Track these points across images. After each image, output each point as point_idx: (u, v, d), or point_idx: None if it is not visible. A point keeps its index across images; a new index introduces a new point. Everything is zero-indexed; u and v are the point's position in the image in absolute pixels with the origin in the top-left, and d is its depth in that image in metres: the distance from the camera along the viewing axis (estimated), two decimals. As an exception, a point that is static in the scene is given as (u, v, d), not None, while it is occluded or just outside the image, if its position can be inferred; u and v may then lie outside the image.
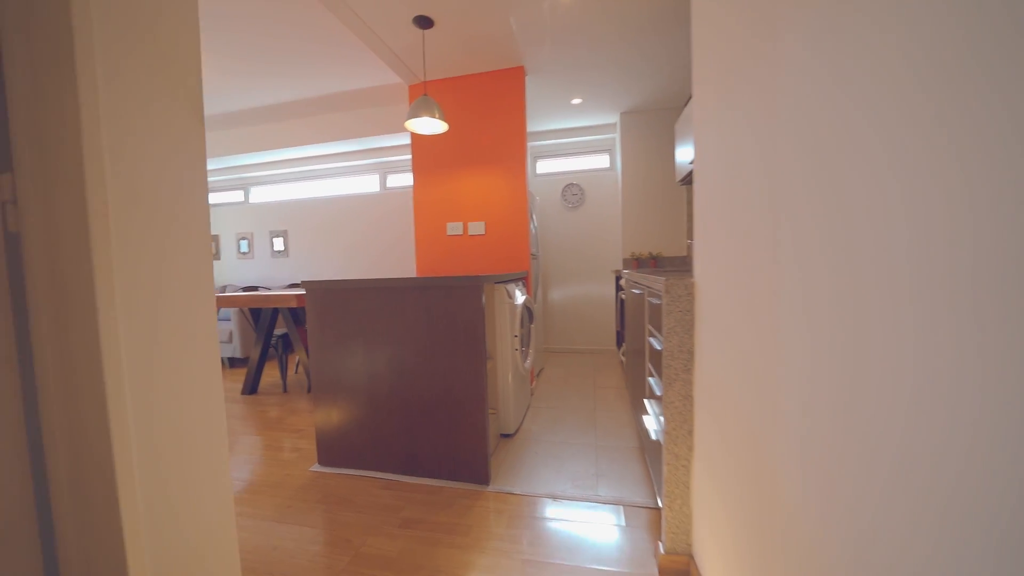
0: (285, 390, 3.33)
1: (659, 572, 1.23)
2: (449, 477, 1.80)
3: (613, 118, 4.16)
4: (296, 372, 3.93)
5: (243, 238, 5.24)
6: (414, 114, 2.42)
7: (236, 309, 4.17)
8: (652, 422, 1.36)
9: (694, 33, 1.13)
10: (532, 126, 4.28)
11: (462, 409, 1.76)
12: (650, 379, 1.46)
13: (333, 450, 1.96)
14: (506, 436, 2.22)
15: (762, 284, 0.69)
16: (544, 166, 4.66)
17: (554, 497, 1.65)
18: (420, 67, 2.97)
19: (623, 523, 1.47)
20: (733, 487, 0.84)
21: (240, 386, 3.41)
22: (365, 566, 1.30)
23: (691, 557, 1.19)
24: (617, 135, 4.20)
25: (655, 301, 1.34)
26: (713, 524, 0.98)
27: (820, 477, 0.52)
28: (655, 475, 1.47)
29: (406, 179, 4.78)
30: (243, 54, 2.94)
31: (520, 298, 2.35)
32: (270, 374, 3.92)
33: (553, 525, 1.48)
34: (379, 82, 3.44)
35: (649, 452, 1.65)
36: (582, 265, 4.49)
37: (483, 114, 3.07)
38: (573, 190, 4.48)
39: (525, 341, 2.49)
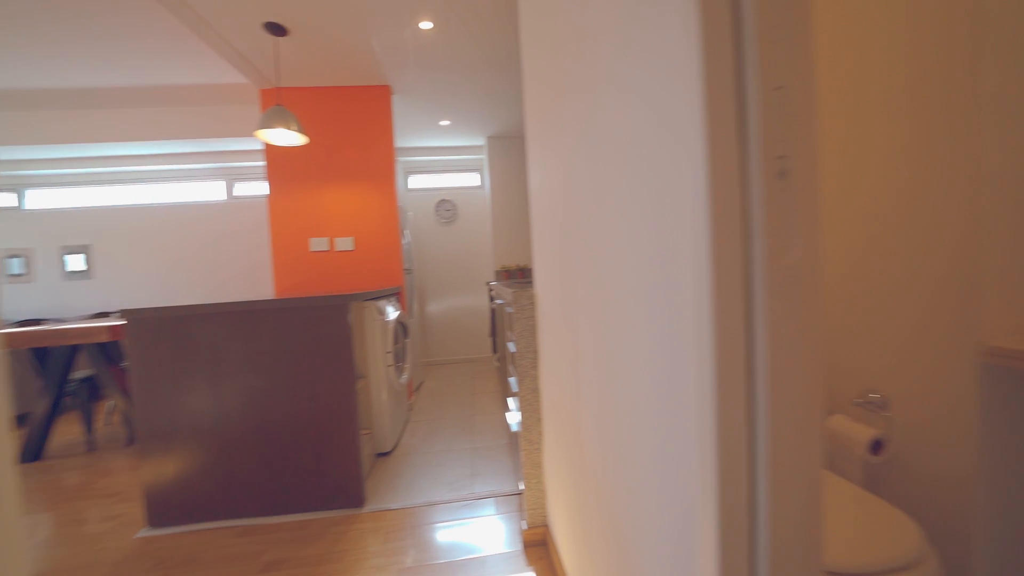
0: (92, 448, 2.66)
1: (524, 546, 1.41)
2: (320, 507, 1.71)
3: (481, 140, 4.46)
4: (108, 423, 3.15)
5: (15, 255, 3.98)
6: (267, 124, 2.25)
7: (7, 351, 3.14)
8: (513, 416, 1.55)
9: (525, 91, 1.38)
10: (403, 141, 4.31)
11: (331, 434, 1.70)
12: (510, 379, 1.66)
13: (169, 507, 1.67)
14: (383, 454, 2.20)
15: (565, 293, 0.92)
16: (416, 181, 4.71)
17: (432, 504, 1.72)
18: (273, 72, 2.76)
19: (495, 512, 1.63)
20: (567, 457, 1.05)
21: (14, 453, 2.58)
22: (218, 623, 1.18)
23: (547, 527, 1.40)
24: (485, 156, 4.51)
25: (510, 310, 1.54)
26: (558, 492, 1.19)
27: (604, 442, 0.74)
28: (519, 463, 1.67)
29: (261, 187, 4.29)
30: (27, 17, 2.31)
31: (393, 314, 2.37)
32: (65, 431, 3.06)
33: (432, 530, 1.54)
34: (223, 80, 3.07)
35: (514, 444, 1.85)
36: (458, 278, 4.65)
37: (349, 128, 3.00)
38: (446, 206, 4.64)
39: (400, 357, 2.50)
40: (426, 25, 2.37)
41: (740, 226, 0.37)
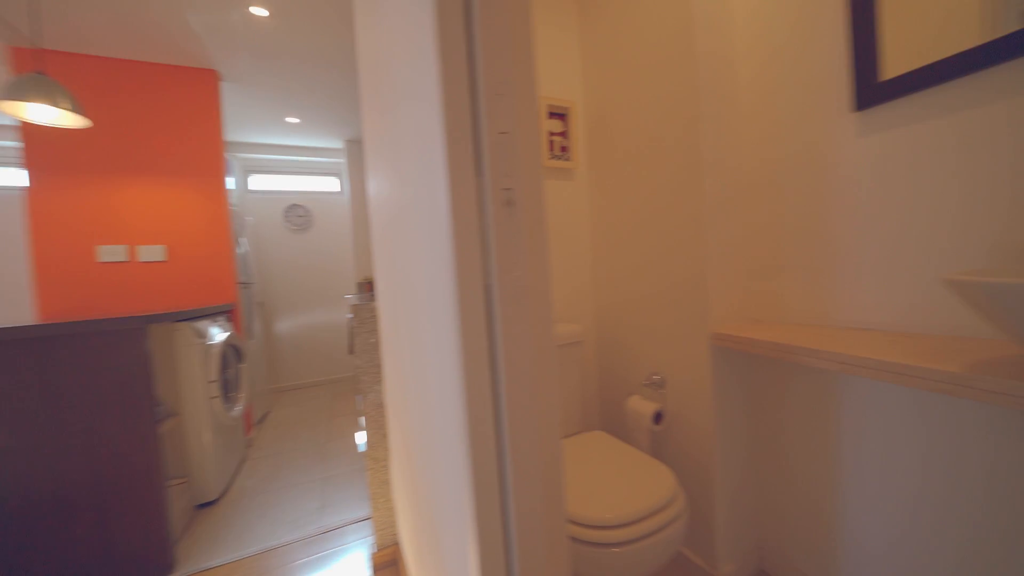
0: None
1: (374, 570, 1.35)
2: (103, 588, 1.35)
3: (339, 143, 4.16)
4: None
5: None
6: (18, 95, 1.71)
7: None
8: (361, 435, 1.48)
9: (361, 96, 1.35)
10: (241, 136, 3.75)
11: (121, 493, 1.36)
12: (357, 397, 1.58)
13: None
14: (206, 504, 1.84)
15: (389, 302, 0.93)
16: (260, 182, 4.14)
17: (268, 550, 1.51)
18: (28, 27, 2.12)
19: (345, 541, 1.52)
20: (404, 469, 1.05)
21: None
22: None
23: (398, 544, 1.36)
24: (345, 160, 4.23)
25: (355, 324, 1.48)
26: (403, 508, 1.18)
27: (421, 446, 0.76)
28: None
29: (14, 176, 3.21)
30: None
31: (219, 336, 2.03)
32: None
33: (263, 580, 1.36)
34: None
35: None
36: (315, 291, 4.23)
37: (159, 113, 2.48)
38: (299, 211, 4.19)
39: (232, 386, 2.15)
40: (259, 11, 2.13)
41: (479, 245, 0.44)
